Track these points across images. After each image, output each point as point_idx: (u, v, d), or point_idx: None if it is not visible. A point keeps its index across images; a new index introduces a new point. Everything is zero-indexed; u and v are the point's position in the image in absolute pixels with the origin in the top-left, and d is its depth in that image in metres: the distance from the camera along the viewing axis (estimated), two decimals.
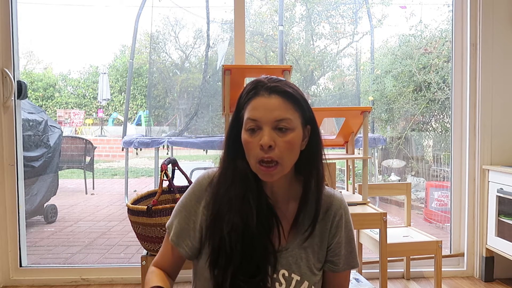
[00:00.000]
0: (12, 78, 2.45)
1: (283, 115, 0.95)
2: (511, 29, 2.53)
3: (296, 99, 0.97)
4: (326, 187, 1.07)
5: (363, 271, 2.45)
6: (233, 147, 1.01)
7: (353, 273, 2.28)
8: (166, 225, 1.09)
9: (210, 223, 1.01)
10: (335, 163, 2.10)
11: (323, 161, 1.03)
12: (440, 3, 5.01)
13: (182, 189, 1.83)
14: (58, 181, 4.18)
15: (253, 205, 0.98)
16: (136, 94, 8.45)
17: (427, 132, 5.16)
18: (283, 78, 1.01)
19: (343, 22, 6.25)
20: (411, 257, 2.56)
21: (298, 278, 1.01)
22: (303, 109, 0.99)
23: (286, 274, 1.01)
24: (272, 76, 1.00)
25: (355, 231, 2.38)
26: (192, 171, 4.32)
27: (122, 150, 4.96)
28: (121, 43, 9.06)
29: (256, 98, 0.96)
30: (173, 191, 1.83)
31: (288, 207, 1.04)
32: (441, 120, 5.01)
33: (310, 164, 1.02)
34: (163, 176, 1.72)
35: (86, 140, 5.26)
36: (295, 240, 1.03)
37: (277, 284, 1.00)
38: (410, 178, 5.06)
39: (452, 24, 2.68)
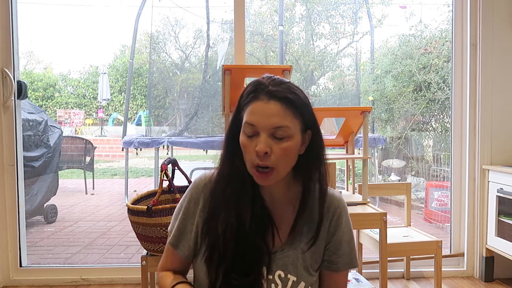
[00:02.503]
0: (12, 78, 2.45)
1: (281, 122, 0.92)
2: (511, 29, 2.53)
3: (296, 106, 0.94)
4: None
5: (363, 271, 2.45)
6: (232, 147, 1.00)
7: (353, 273, 2.28)
8: (168, 229, 1.11)
9: (205, 221, 1.02)
10: (335, 163, 2.10)
11: (324, 165, 1.01)
12: (440, 3, 5.01)
13: (182, 189, 1.83)
14: (58, 181, 4.18)
15: (247, 205, 0.98)
16: (136, 94, 8.44)
17: (427, 132, 5.15)
18: (286, 80, 0.97)
19: (343, 22, 6.25)
20: (411, 257, 2.56)
21: (295, 278, 1.01)
22: (303, 116, 0.96)
23: (282, 275, 1.00)
24: (275, 77, 0.96)
25: (355, 231, 2.40)
26: (192, 171, 4.32)
27: (122, 150, 4.96)
28: (121, 43, 9.08)
29: (255, 102, 0.94)
30: (173, 191, 1.83)
31: (287, 210, 1.04)
32: (441, 120, 5.01)
33: (309, 168, 1.00)
34: (163, 176, 1.72)
35: (86, 140, 5.26)
36: (292, 242, 1.02)
37: (273, 285, 1.00)
38: (410, 178, 5.05)
39: (452, 24, 2.68)
